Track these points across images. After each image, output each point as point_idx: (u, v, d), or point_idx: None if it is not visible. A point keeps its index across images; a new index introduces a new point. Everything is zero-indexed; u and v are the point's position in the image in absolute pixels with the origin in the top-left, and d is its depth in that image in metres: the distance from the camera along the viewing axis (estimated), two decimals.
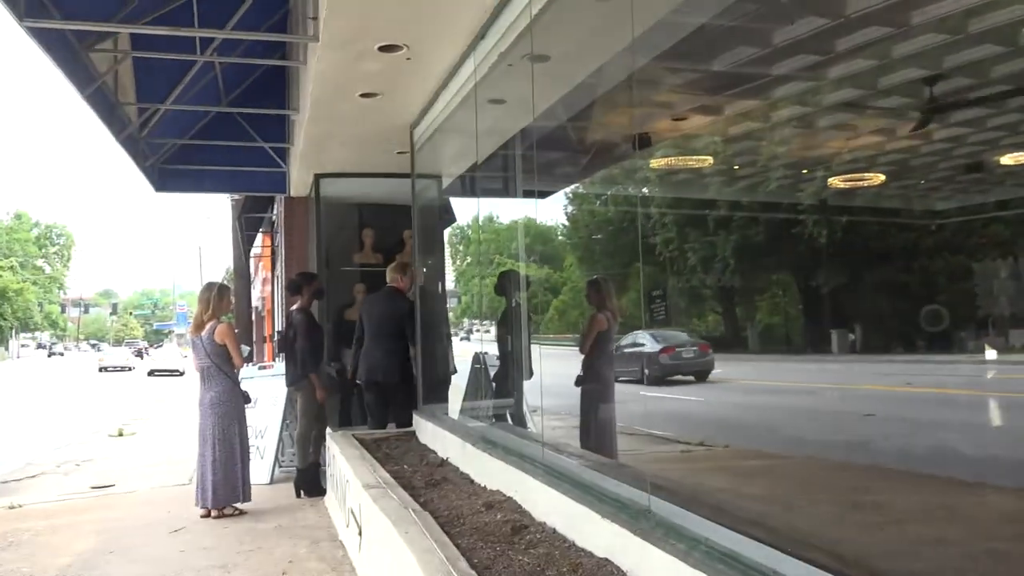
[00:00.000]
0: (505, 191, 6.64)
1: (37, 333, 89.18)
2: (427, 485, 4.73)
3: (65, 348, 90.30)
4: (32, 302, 75.30)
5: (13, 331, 72.67)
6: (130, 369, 44.91)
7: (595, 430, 5.09)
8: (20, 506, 7.34)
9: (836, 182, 4.93)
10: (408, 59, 4.97)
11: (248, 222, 15.74)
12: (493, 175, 6.31)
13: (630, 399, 5.91)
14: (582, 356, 5.13)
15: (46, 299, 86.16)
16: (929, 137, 4.40)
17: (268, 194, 12.57)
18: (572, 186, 8.33)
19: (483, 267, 7.96)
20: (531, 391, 5.67)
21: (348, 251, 9.08)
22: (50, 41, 5.01)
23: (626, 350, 5.33)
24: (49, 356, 78.02)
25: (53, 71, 5.22)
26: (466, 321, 9.67)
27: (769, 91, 4.76)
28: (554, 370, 6.03)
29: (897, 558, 2.71)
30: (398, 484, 4.56)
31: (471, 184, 6.76)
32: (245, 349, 8.49)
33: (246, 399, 6.65)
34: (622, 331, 5.14)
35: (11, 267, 75.81)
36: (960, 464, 3.46)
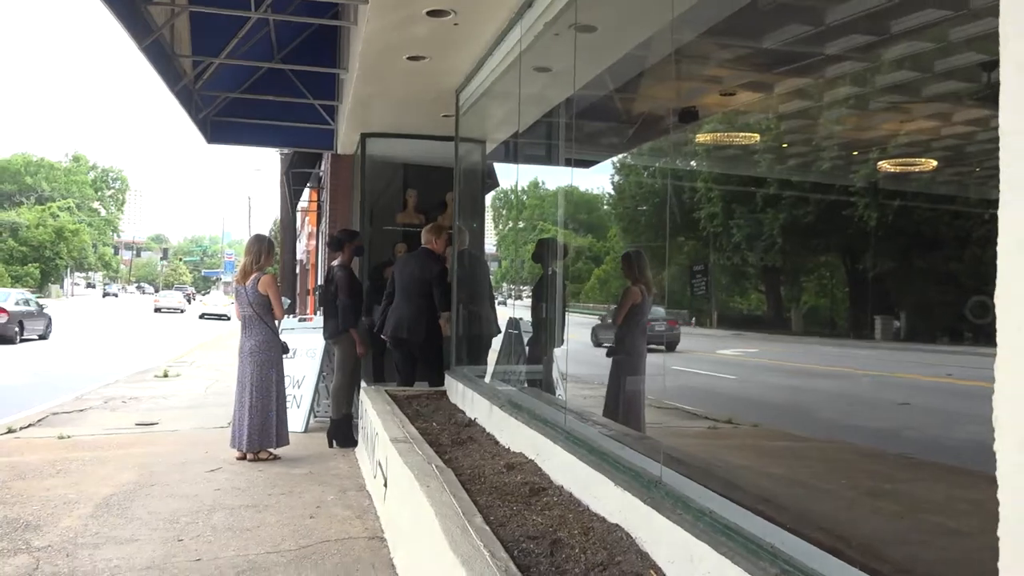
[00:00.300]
0: (548, 159, 6.67)
1: (90, 273, 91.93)
2: (453, 443, 4.87)
3: (119, 290, 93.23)
4: (87, 243, 77.37)
5: (68, 270, 74.92)
6: (182, 311, 49.51)
7: (622, 401, 5.16)
8: (69, 437, 7.69)
9: (888, 165, 4.86)
10: (456, 24, 5.01)
11: (296, 177, 15.98)
12: (536, 142, 6.34)
13: (662, 372, 5.95)
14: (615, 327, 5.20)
15: (100, 241, 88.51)
16: (987, 124, 4.32)
17: (316, 150, 12.75)
18: (617, 156, 8.31)
19: (526, 232, 8.03)
20: (564, 358, 5.76)
21: (391, 210, 9.21)
22: None
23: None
24: (104, 296, 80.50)
25: (111, 22, 5.37)
26: (504, 286, 9.77)
27: (821, 70, 4.70)
28: (588, 339, 6.10)
29: (906, 546, 2.74)
30: (425, 440, 4.70)
31: (514, 150, 6.80)
32: (286, 301, 8.71)
33: (284, 349, 6.85)
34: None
35: (68, 208, 77.95)
36: (992, 459, 3.45)
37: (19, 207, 75.62)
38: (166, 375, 14.08)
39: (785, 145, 6.05)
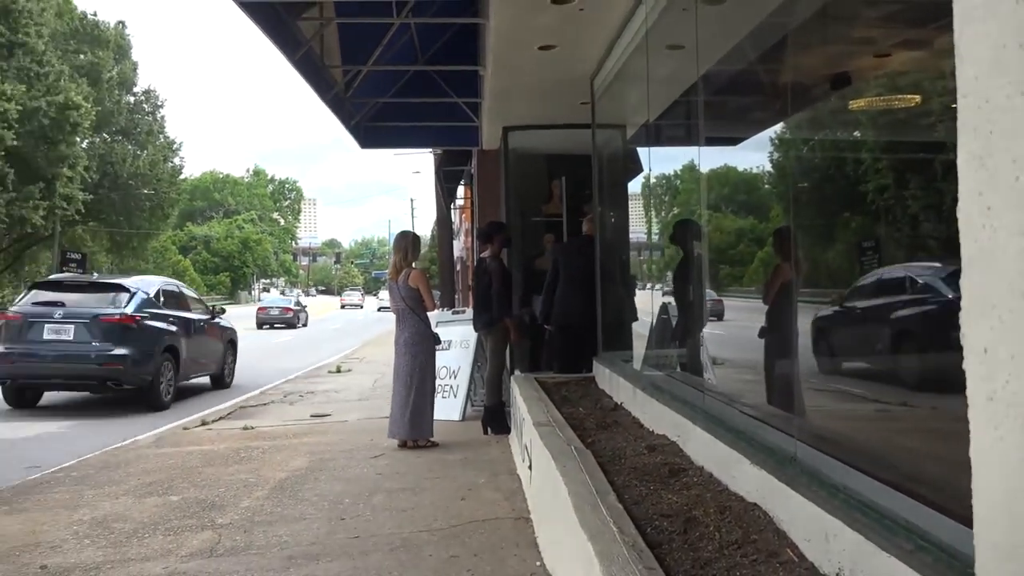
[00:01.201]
0: (688, 139, 6.52)
1: (274, 279, 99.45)
2: (597, 427, 4.89)
3: (300, 294, 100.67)
4: (269, 251, 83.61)
5: (254, 277, 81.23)
6: (360, 307, 65.09)
7: (779, 383, 4.98)
8: (252, 428, 8.40)
9: None
10: (581, 10, 5.02)
11: (448, 175, 16.47)
12: (674, 123, 6.21)
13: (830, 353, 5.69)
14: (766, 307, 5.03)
15: (281, 248, 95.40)
16: None
17: (462, 148, 13.10)
18: (770, 130, 7.96)
19: (680, 216, 7.90)
20: (715, 342, 5.65)
21: (537, 202, 9.32)
22: (260, 14, 5.56)
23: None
24: None
25: (263, 41, 5.79)
26: (670, 273, 9.64)
27: None
28: (746, 322, 5.92)
29: None
30: (568, 424, 4.76)
31: (654, 133, 6.69)
32: (435, 294, 9.03)
33: (436, 341, 7.11)
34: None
35: (251, 220, 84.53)
36: None
37: (210, 221, 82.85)
38: (339, 370, 15.01)
39: (955, 106, 5.60)
